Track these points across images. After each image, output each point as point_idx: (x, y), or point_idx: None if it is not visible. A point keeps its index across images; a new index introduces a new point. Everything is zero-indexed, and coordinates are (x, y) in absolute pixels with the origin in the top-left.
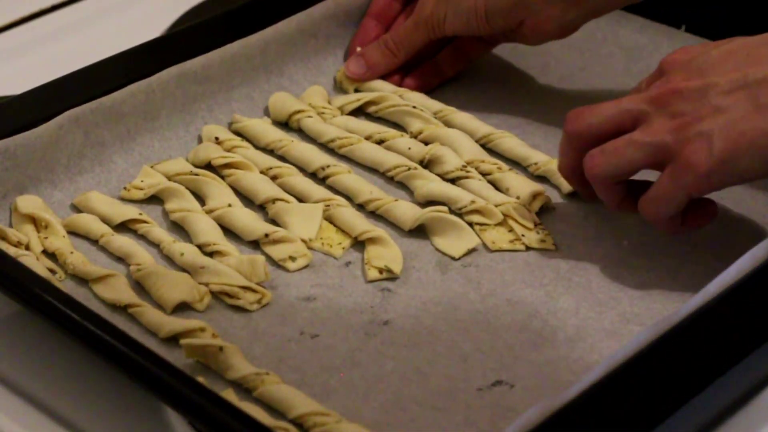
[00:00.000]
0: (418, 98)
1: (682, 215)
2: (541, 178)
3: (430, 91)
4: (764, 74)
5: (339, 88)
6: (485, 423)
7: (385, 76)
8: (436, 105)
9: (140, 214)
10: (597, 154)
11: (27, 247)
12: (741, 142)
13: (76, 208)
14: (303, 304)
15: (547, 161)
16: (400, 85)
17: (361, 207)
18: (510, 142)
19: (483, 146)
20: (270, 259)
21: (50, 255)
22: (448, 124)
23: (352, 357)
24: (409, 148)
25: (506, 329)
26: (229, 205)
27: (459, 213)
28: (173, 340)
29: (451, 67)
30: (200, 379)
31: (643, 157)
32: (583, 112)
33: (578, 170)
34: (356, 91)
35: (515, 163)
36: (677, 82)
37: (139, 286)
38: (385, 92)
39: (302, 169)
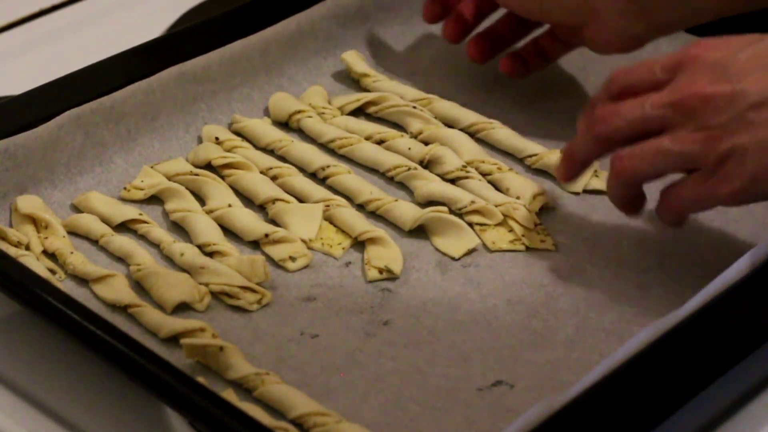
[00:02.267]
0: (414, 93)
1: None
2: (538, 171)
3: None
4: None
5: (347, 75)
6: (485, 423)
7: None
8: (413, 92)
9: (140, 214)
10: (627, 157)
11: (27, 247)
12: None
13: (76, 208)
14: (303, 304)
15: (546, 153)
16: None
17: (361, 207)
18: (502, 132)
19: (471, 135)
20: (270, 260)
21: (50, 255)
22: (434, 111)
23: (352, 357)
24: (409, 149)
25: (506, 329)
26: (229, 206)
27: (459, 213)
28: (173, 340)
29: (534, 62)
30: (200, 379)
31: (672, 166)
32: (609, 112)
33: (591, 161)
34: (361, 88)
35: (508, 155)
36: (702, 85)
37: (139, 286)
38: (385, 93)
39: (302, 170)
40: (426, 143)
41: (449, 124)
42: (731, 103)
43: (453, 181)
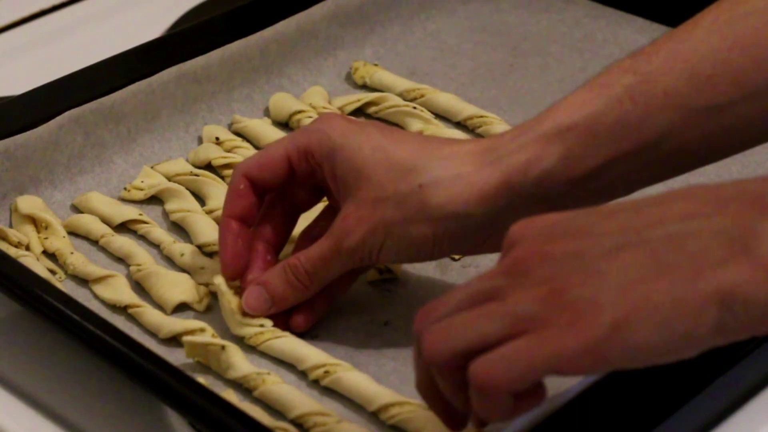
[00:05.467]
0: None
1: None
2: None
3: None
4: (666, 232)
5: (348, 75)
6: None
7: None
8: (407, 83)
9: (140, 214)
10: (437, 328)
11: (27, 248)
12: (640, 308)
13: (77, 209)
14: None
15: None
16: (286, 324)
17: None
18: (501, 129)
19: (468, 129)
20: None
21: (50, 255)
22: (431, 103)
23: (352, 357)
24: None
25: None
26: None
27: None
28: (173, 340)
29: (342, 290)
30: (200, 379)
31: (500, 329)
32: (436, 326)
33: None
34: (364, 86)
35: None
36: (537, 245)
37: (139, 286)
38: (387, 93)
39: None
40: None
41: (446, 117)
42: (574, 257)
43: None
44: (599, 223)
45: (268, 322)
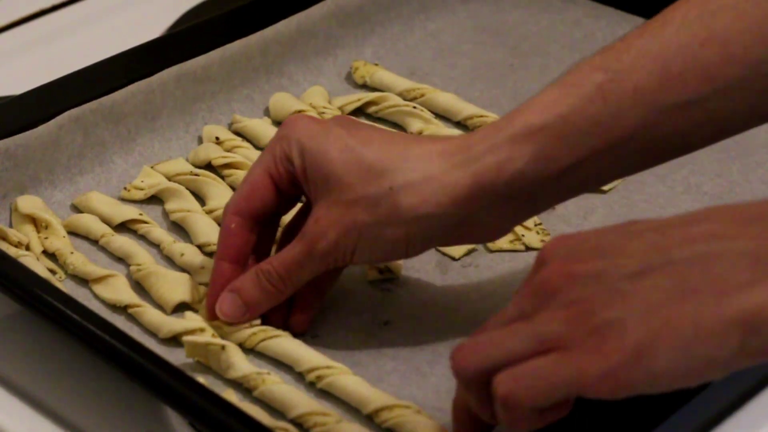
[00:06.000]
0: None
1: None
2: None
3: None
4: (691, 253)
5: (348, 75)
6: None
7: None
8: (407, 83)
9: (140, 214)
10: (467, 345)
11: (27, 248)
12: (663, 332)
13: (77, 209)
14: None
15: None
16: (284, 324)
17: None
18: None
19: (468, 129)
20: None
21: (50, 255)
22: (431, 103)
23: (352, 357)
24: None
25: None
26: None
27: None
28: (173, 340)
29: (330, 283)
30: (200, 379)
31: (526, 348)
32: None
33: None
34: (364, 86)
35: None
36: (565, 266)
37: (139, 286)
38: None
39: None
40: None
41: (446, 117)
42: (601, 277)
43: None
44: (625, 244)
45: (257, 321)
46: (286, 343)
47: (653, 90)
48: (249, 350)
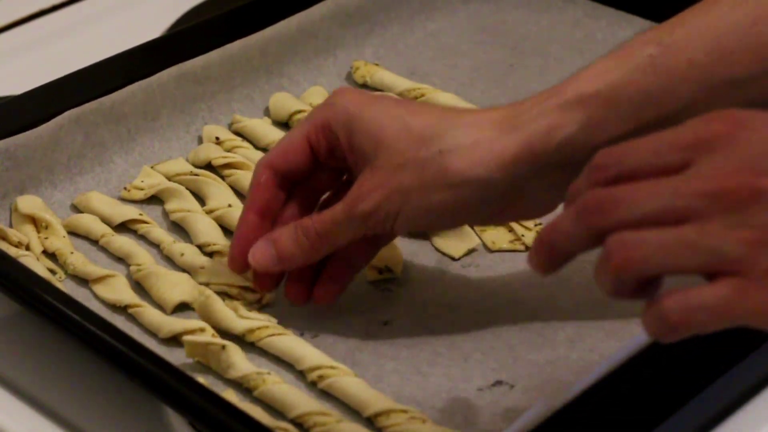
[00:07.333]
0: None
1: None
2: None
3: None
4: None
5: (348, 76)
6: (485, 423)
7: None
8: (406, 83)
9: (140, 214)
10: (632, 244)
11: (27, 248)
12: None
13: (77, 209)
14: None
15: None
16: (307, 297)
17: None
18: None
19: None
20: None
21: (50, 255)
22: (431, 103)
23: (352, 357)
24: None
25: (506, 329)
26: (230, 206)
27: None
28: (173, 340)
29: (364, 259)
30: (200, 379)
31: (698, 264)
32: (609, 200)
33: (577, 254)
34: (364, 85)
35: None
36: (751, 177)
37: (139, 286)
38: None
39: None
40: None
41: None
42: None
43: None
44: None
45: (273, 320)
46: (290, 341)
47: (705, 65)
48: (250, 349)
